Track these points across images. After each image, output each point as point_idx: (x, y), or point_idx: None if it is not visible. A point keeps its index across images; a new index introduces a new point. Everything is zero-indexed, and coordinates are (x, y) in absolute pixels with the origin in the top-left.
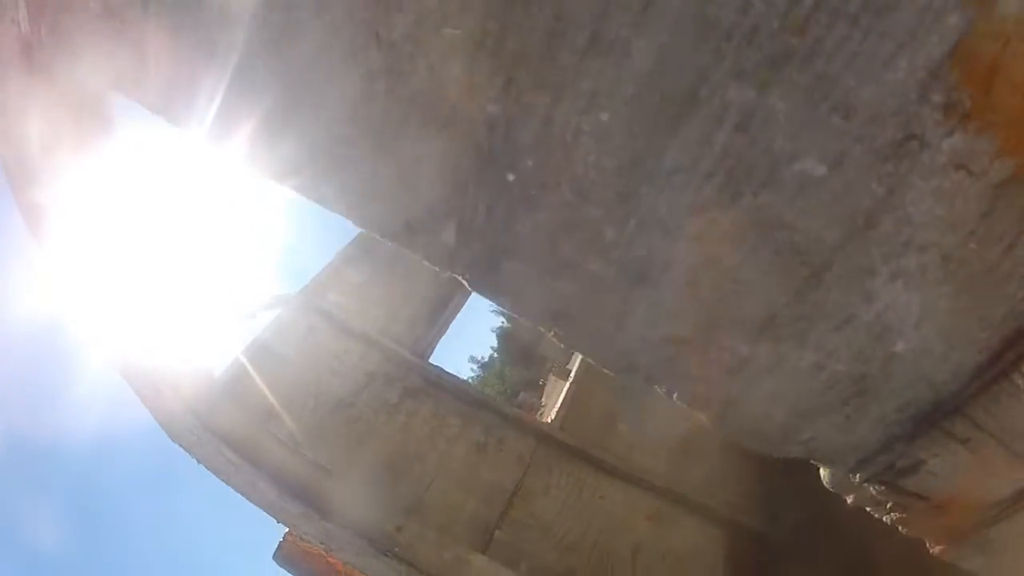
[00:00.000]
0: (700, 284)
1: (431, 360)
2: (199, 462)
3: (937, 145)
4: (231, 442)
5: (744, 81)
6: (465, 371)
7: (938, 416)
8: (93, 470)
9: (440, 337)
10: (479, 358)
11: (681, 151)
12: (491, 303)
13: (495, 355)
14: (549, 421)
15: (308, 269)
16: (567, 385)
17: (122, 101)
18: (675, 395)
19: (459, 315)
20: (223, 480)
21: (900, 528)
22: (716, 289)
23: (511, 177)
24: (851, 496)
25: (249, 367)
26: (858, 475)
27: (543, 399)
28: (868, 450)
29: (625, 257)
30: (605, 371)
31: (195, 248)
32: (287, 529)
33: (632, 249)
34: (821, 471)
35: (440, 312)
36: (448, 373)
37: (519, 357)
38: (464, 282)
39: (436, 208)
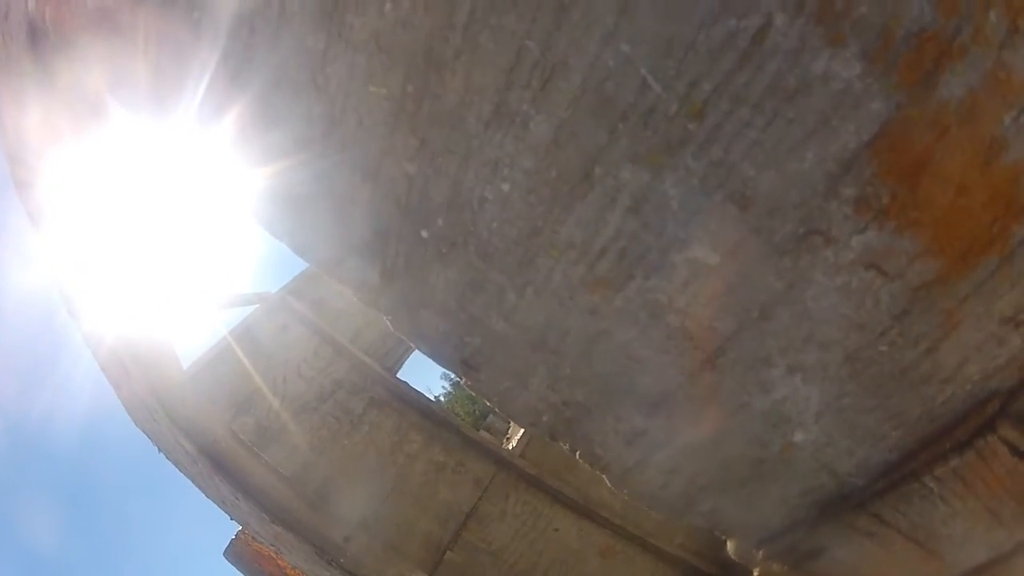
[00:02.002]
0: (595, 356)
1: (400, 374)
2: (160, 450)
3: (845, 242)
4: (191, 433)
5: (638, 163)
6: (437, 388)
7: (842, 508)
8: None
9: (411, 352)
10: (451, 376)
11: (576, 227)
12: None
13: None
14: (511, 448)
15: (292, 269)
16: None
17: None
18: (577, 454)
19: None
20: (181, 470)
21: None
22: (611, 362)
23: (424, 234)
24: (756, 569)
25: (220, 360)
26: (762, 551)
27: (511, 424)
28: (771, 530)
29: (525, 321)
30: (514, 422)
31: (179, 238)
32: (240, 527)
33: (531, 315)
34: (727, 544)
35: None
36: (414, 389)
37: None
38: (388, 323)
39: (364, 250)
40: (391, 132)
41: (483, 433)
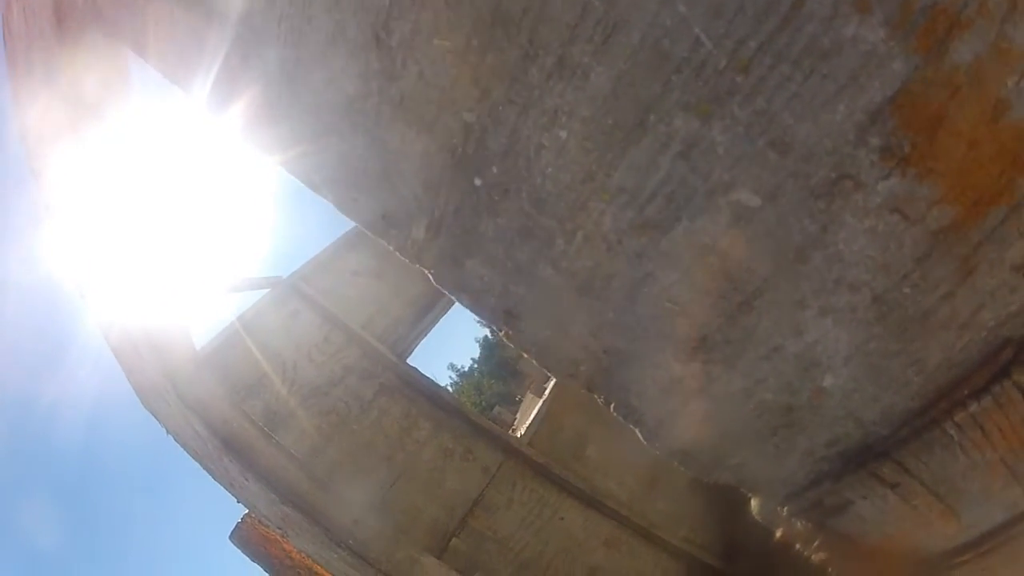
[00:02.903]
0: (638, 300)
1: (409, 361)
2: (168, 432)
3: (872, 186)
4: (202, 414)
5: (689, 112)
6: (444, 378)
7: (867, 457)
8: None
9: (421, 339)
10: (459, 366)
11: (628, 172)
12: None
13: (475, 365)
14: (519, 436)
15: (302, 256)
16: (541, 402)
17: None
18: (612, 406)
19: (443, 321)
20: (190, 453)
21: (829, 570)
22: (653, 306)
23: (478, 182)
24: (780, 530)
25: (230, 344)
26: (786, 508)
27: (518, 415)
28: (796, 484)
29: (572, 267)
30: (548, 374)
31: (193, 221)
32: (246, 511)
33: (579, 260)
34: (752, 501)
35: (425, 314)
36: (424, 376)
37: (499, 370)
38: (430, 276)
39: (410, 204)
40: (453, 84)
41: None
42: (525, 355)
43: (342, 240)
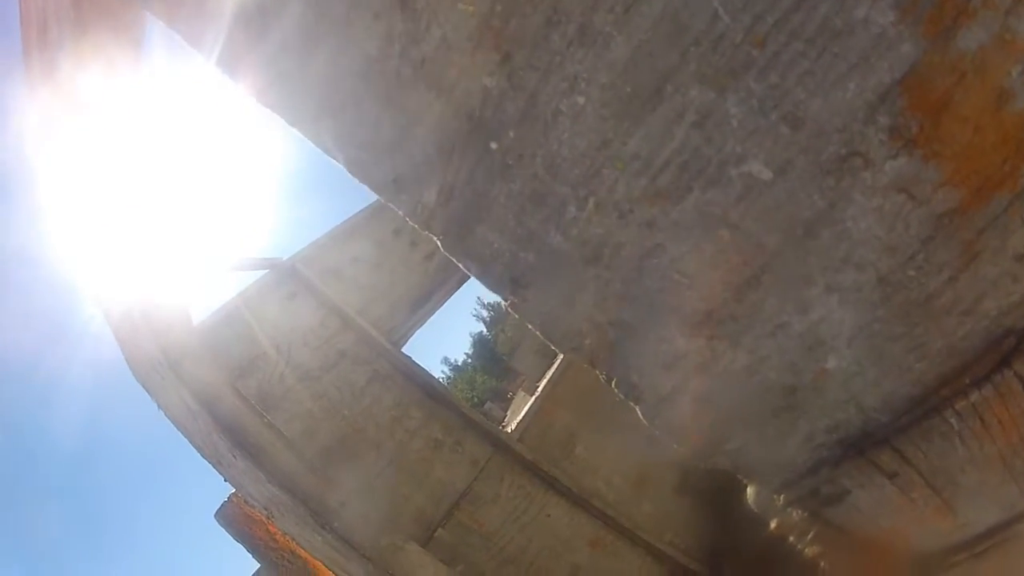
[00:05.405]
0: (646, 271)
1: (404, 350)
2: (159, 407)
3: (880, 165)
4: (194, 389)
5: (705, 83)
6: (437, 372)
7: (866, 444)
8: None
9: (417, 329)
10: (452, 361)
11: (643, 140)
12: (471, 306)
13: (469, 360)
14: (510, 431)
15: (307, 240)
16: (533, 399)
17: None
18: (613, 383)
19: (438, 315)
20: (180, 429)
21: (821, 564)
22: (661, 278)
23: (494, 146)
24: (775, 520)
25: (227, 322)
26: (782, 496)
27: (509, 412)
28: (794, 471)
29: (583, 235)
30: (551, 346)
31: (198, 197)
32: (233, 490)
33: (590, 228)
34: (748, 490)
35: (422, 304)
36: (418, 365)
37: (492, 366)
38: (438, 242)
39: (422, 169)
40: (475, 48)
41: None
42: (530, 326)
43: (343, 226)
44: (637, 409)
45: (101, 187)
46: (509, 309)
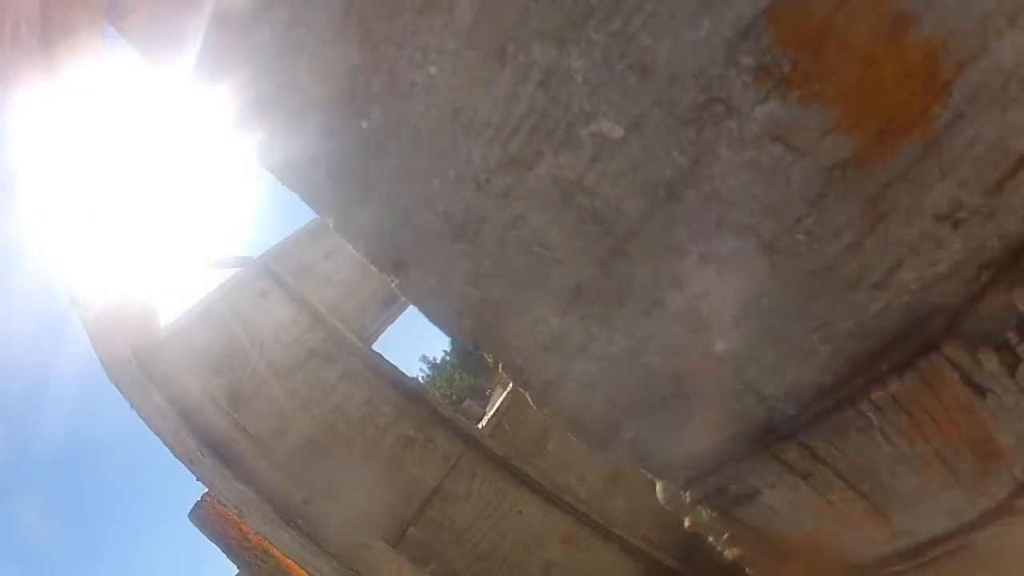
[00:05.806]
0: (510, 244)
1: (380, 351)
2: (131, 407)
3: (748, 112)
4: (163, 387)
5: (547, 39)
6: (415, 370)
7: (771, 439)
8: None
9: (388, 325)
10: (431, 358)
11: (493, 106)
12: None
13: (448, 358)
14: (481, 427)
15: (277, 237)
16: (504, 393)
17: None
18: (500, 366)
19: (417, 313)
20: (152, 428)
21: (746, 568)
22: (525, 252)
23: (364, 124)
24: (687, 518)
25: (199, 320)
26: (689, 494)
27: (487, 409)
28: (697, 467)
29: (447, 209)
30: (439, 330)
31: (166, 196)
32: (206, 490)
33: (452, 202)
34: (657, 486)
35: (394, 300)
36: (389, 362)
37: (471, 363)
38: (330, 224)
39: (313, 148)
40: (343, 28)
41: (456, 414)
42: (418, 309)
43: (315, 222)
44: (527, 395)
45: (76, 187)
46: (398, 291)
